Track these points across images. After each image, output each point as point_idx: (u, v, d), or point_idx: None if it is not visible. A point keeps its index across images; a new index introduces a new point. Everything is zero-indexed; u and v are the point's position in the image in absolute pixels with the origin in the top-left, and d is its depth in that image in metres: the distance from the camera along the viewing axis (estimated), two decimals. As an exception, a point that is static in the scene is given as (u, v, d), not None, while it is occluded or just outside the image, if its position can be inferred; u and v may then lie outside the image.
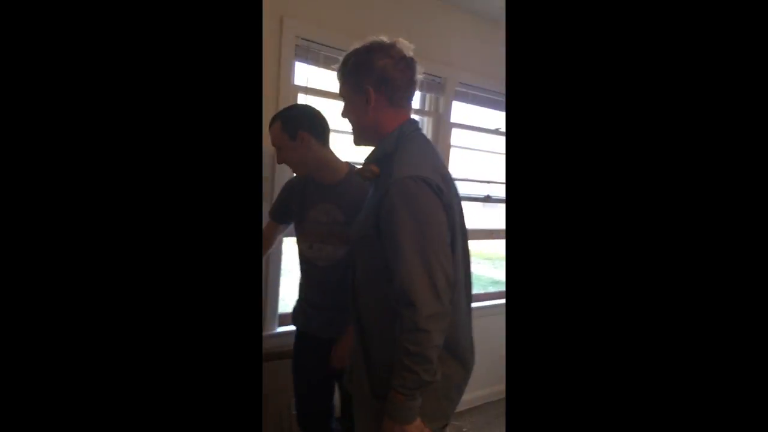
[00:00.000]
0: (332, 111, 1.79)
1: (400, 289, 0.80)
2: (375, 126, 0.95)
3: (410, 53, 0.95)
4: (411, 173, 0.84)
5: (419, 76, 0.97)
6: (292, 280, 1.64)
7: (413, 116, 1.02)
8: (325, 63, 1.65)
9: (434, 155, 0.96)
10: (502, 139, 2.32)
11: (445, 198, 0.86)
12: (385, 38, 0.95)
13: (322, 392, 1.39)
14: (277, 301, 1.64)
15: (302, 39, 1.59)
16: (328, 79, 1.71)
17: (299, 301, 1.40)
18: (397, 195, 0.82)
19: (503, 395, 2.37)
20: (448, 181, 0.91)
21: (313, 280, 1.32)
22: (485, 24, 2.06)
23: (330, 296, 1.29)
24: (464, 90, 2.08)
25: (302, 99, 1.62)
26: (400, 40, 0.95)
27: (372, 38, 0.95)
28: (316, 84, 1.65)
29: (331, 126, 1.31)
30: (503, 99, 2.23)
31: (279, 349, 1.61)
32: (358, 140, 1.00)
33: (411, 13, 1.84)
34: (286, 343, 1.63)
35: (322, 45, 1.64)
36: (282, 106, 1.55)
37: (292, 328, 1.67)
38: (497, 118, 2.31)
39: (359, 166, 1.02)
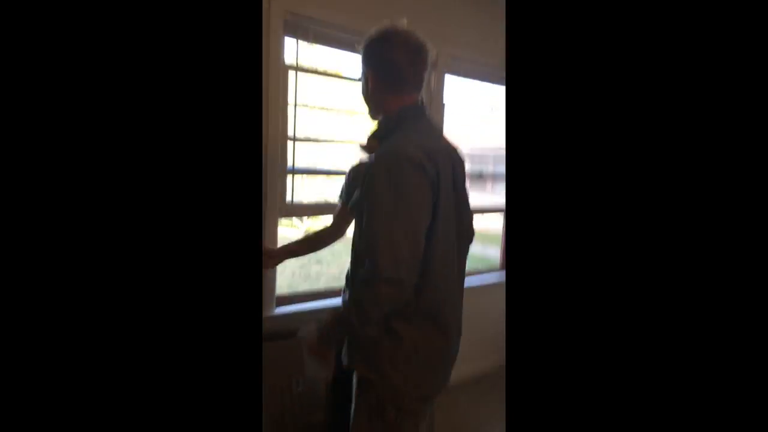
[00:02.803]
0: (323, 89, 1.76)
1: (364, 249, 0.86)
2: (377, 107, 1.00)
3: (419, 40, 0.96)
4: (392, 150, 0.88)
5: (429, 63, 0.98)
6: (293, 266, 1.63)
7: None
8: (315, 39, 1.61)
9: (427, 135, 0.96)
10: (496, 116, 2.31)
11: (429, 175, 0.86)
12: (400, 24, 0.97)
13: None
14: (275, 282, 1.64)
15: (291, 14, 1.54)
16: (319, 55, 1.67)
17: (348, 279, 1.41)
18: (376, 168, 0.87)
19: (499, 364, 2.42)
20: (437, 160, 0.90)
21: None
22: (477, -4, 2.01)
23: None
24: (456, 65, 2.05)
25: (292, 76, 1.58)
26: (409, 28, 0.96)
27: (386, 24, 0.97)
28: (306, 61, 1.61)
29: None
30: (496, 72, 2.21)
31: (277, 329, 1.61)
32: (370, 117, 1.06)
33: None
34: (284, 325, 1.64)
35: (312, 20, 1.59)
36: (271, 84, 1.52)
37: (292, 308, 1.69)
38: (490, 92, 2.29)
39: None
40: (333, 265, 5.86)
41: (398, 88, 0.96)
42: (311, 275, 5.39)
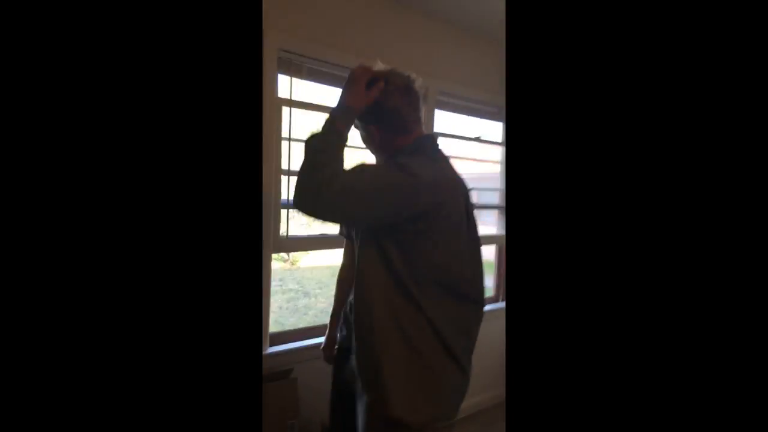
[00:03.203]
0: (318, 124, 1.77)
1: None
2: (387, 151, 1.01)
3: (404, 75, 0.98)
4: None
5: (421, 94, 1.00)
6: (280, 300, 1.58)
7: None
8: (308, 75, 1.63)
9: (439, 164, 0.98)
10: (484, 147, 2.35)
11: (419, 195, 0.87)
12: (380, 66, 0.97)
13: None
14: (268, 320, 1.58)
15: (284, 51, 1.56)
16: (312, 91, 1.69)
17: (346, 314, 1.35)
18: None
19: (500, 400, 2.37)
20: (444, 189, 0.92)
21: None
22: (466, 33, 2.09)
23: None
24: (446, 99, 2.10)
25: (286, 112, 1.59)
26: (392, 68, 0.98)
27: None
28: (299, 96, 1.63)
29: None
30: (485, 107, 2.26)
31: (271, 370, 1.55)
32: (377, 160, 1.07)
33: (392, 24, 1.84)
34: (278, 364, 1.58)
35: (305, 57, 1.61)
36: (266, 120, 1.52)
37: (285, 347, 1.63)
38: (478, 127, 2.34)
39: None
40: (321, 297, 5.77)
41: (404, 129, 0.98)
42: (299, 308, 5.28)
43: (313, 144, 0.86)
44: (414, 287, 0.90)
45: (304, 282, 6.36)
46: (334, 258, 1.28)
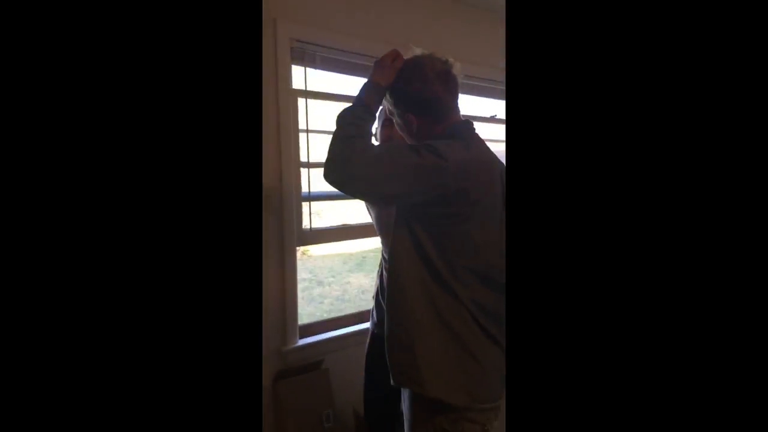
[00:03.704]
0: (333, 112, 1.75)
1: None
2: (426, 139, 0.97)
3: (443, 60, 0.96)
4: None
5: (460, 79, 0.98)
6: (307, 293, 1.59)
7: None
8: (322, 64, 1.60)
9: (475, 148, 0.95)
10: (498, 127, 2.32)
11: (450, 168, 0.84)
12: (416, 51, 0.96)
13: (392, 395, 1.34)
14: (296, 313, 1.59)
15: (297, 41, 1.53)
16: (327, 80, 1.67)
17: (376, 300, 1.36)
18: None
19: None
20: (476, 172, 0.90)
21: None
22: (479, 13, 2.04)
23: None
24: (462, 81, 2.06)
25: (302, 102, 1.57)
26: (430, 53, 0.96)
27: (408, 60, 0.96)
28: (314, 86, 1.60)
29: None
30: (498, 87, 2.22)
31: (303, 362, 1.57)
32: None
33: (404, 7, 1.80)
34: (309, 356, 1.60)
35: (318, 46, 1.58)
36: (282, 111, 1.50)
37: (314, 338, 1.64)
38: (493, 107, 2.31)
39: None
40: (334, 285, 5.80)
41: (442, 116, 0.96)
42: (314, 297, 5.33)
43: (343, 117, 0.89)
44: (445, 270, 0.89)
45: (316, 271, 6.40)
46: (344, 247, 1.28)
